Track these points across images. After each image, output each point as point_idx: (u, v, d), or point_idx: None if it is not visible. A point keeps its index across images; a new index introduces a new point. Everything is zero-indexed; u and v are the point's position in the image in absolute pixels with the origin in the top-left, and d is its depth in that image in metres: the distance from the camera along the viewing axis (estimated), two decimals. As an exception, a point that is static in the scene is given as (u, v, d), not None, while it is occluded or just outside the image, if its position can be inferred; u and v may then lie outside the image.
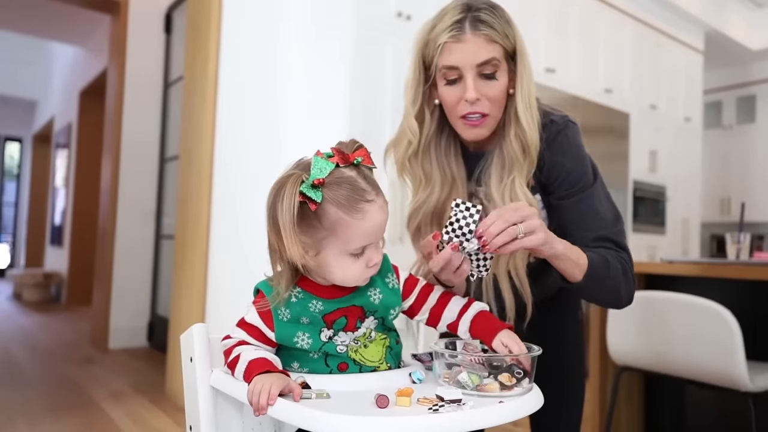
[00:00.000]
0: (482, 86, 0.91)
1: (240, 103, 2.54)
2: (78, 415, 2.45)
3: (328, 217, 0.73)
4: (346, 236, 0.74)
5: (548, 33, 3.32)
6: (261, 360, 0.73)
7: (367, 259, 0.76)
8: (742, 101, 5.65)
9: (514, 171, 0.94)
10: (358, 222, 0.74)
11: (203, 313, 2.51)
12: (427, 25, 0.94)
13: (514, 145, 0.94)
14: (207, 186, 2.57)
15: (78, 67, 6.11)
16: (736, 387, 1.40)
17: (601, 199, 0.97)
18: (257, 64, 2.49)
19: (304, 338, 0.78)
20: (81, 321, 5.04)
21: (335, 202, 0.73)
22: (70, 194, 6.09)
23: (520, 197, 0.92)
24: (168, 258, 3.85)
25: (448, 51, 0.90)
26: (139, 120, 4.02)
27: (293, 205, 0.71)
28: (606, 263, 0.90)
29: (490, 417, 0.68)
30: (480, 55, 0.89)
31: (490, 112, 0.93)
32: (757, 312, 1.71)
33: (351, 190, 0.74)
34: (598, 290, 0.91)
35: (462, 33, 0.89)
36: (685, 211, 4.34)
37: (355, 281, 0.78)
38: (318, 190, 0.72)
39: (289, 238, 0.71)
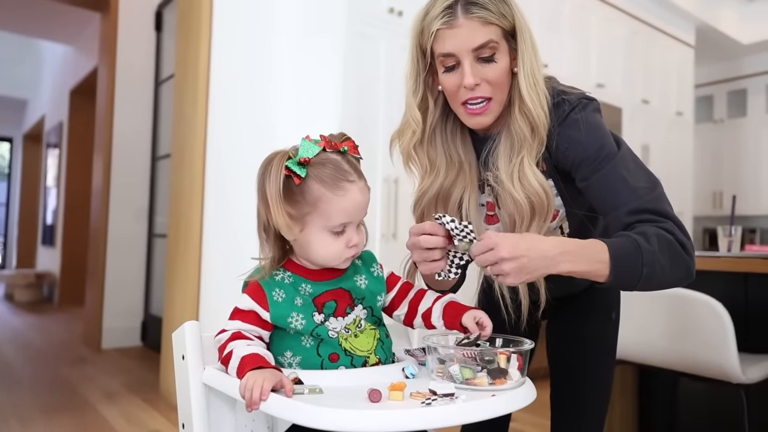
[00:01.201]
0: (481, 70, 0.87)
1: (232, 101, 2.53)
2: (72, 416, 2.43)
3: (311, 193, 0.78)
4: (327, 212, 0.78)
5: (540, 28, 3.31)
6: (253, 356, 0.74)
7: (347, 239, 0.80)
8: (733, 95, 5.69)
9: (523, 151, 0.89)
10: (338, 198, 0.78)
11: (197, 311, 2.50)
12: (420, 12, 0.92)
13: (521, 124, 0.89)
14: (199, 184, 2.55)
15: (68, 66, 6.06)
16: (728, 379, 1.41)
17: (629, 167, 0.87)
18: (249, 61, 2.47)
19: (298, 319, 0.80)
20: (74, 321, 5.01)
21: (318, 179, 0.78)
22: (62, 194, 6.04)
23: (529, 178, 0.88)
24: (161, 257, 3.83)
25: (442, 38, 0.87)
26: (130, 118, 4.00)
27: (279, 178, 0.76)
28: (636, 249, 0.78)
29: (482, 410, 0.68)
30: (475, 40, 0.86)
31: (492, 95, 0.89)
32: (748, 304, 1.72)
33: (334, 170, 0.79)
34: (639, 281, 0.79)
35: (454, 18, 0.86)
36: (678, 205, 4.33)
37: (335, 259, 0.81)
38: (303, 167, 0.77)
39: (275, 207, 0.76)
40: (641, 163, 0.90)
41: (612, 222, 0.86)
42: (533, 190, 0.88)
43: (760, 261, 1.50)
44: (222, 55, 2.56)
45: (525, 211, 0.89)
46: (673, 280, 0.83)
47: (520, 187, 0.89)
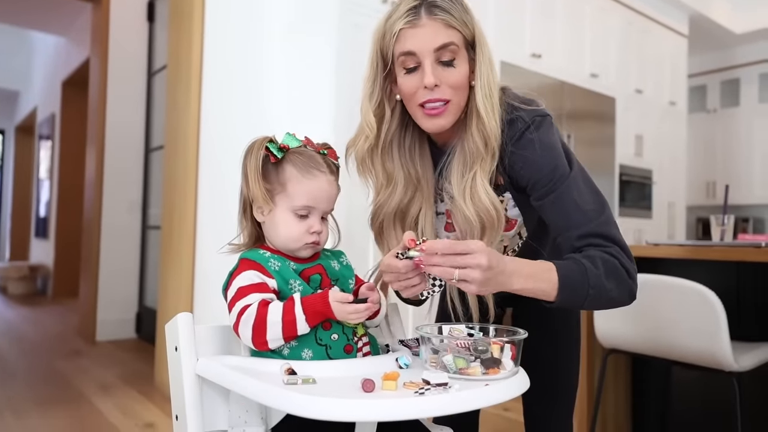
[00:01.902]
0: (441, 73, 0.88)
1: (225, 92, 2.51)
2: (66, 408, 2.43)
3: (283, 173, 0.85)
4: (294, 192, 0.84)
5: (534, 18, 3.30)
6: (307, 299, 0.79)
7: (309, 225, 0.85)
8: (726, 85, 5.70)
9: (476, 166, 0.90)
10: (306, 181, 0.84)
11: (191, 303, 2.50)
12: (383, 17, 0.94)
13: (475, 138, 0.90)
14: (193, 176, 2.54)
15: (60, 57, 6.00)
16: (720, 367, 1.42)
17: (580, 189, 0.89)
18: (242, 52, 2.46)
19: (296, 285, 0.83)
20: (68, 313, 5.00)
21: (291, 162, 0.85)
22: (55, 186, 6.01)
23: (481, 195, 0.89)
24: (155, 249, 3.82)
25: (405, 37, 0.88)
26: (123, 110, 3.97)
27: (259, 155, 0.84)
28: (584, 272, 0.82)
29: (475, 400, 0.68)
30: (437, 39, 0.87)
31: (452, 98, 0.89)
32: (740, 293, 1.73)
33: (309, 158, 0.86)
34: (585, 302, 0.84)
35: (418, 18, 0.87)
36: (671, 194, 4.38)
37: (295, 241, 0.84)
38: (282, 152, 0.85)
39: (253, 181, 0.83)
40: (591, 183, 0.92)
41: (563, 242, 0.90)
42: (484, 207, 0.89)
43: (752, 250, 1.51)
44: (215, 46, 2.54)
45: (475, 228, 0.91)
46: (616, 302, 0.88)
47: (471, 204, 0.90)
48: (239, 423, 0.81)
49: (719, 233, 1.78)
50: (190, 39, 2.57)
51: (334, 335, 0.81)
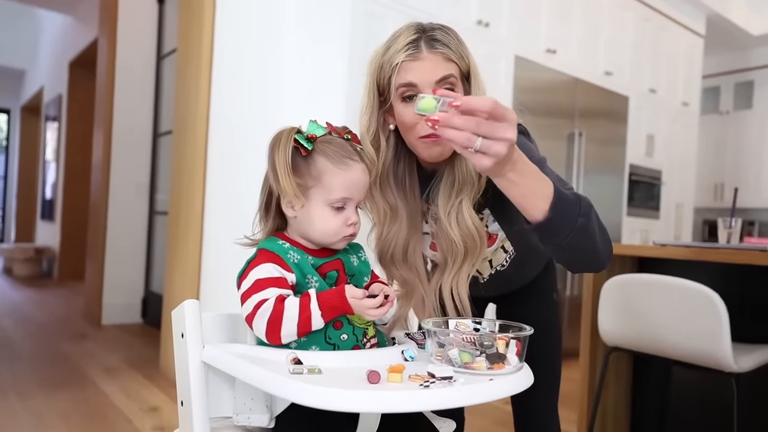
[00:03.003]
0: None
1: (235, 78, 2.50)
2: (71, 390, 2.46)
3: (316, 166, 0.81)
4: (330, 185, 0.81)
5: (551, 13, 3.27)
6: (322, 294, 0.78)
7: (347, 216, 0.83)
8: (740, 87, 5.64)
9: (463, 194, 0.93)
10: (342, 172, 0.82)
11: (197, 289, 2.51)
12: (379, 48, 0.94)
13: (466, 166, 0.92)
14: (201, 162, 2.54)
15: (67, 37, 5.99)
16: (721, 368, 1.42)
17: (547, 169, 0.87)
18: (253, 38, 2.45)
19: (312, 281, 0.82)
20: (73, 296, 5.04)
21: (323, 153, 0.82)
22: (61, 168, 6.03)
23: (466, 219, 0.92)
24: (161, 234, 3.84)
25: (405, 69, 0.89)
26: (131, 93, 3.96)
27: (288, 149, 0.80)
28: (577, 199, 0.79)
29: (480, 394, 0.68)
30: (437, 72, 0.88)
31: None
32: (744, 295, 1.73)
33: (340, 147, 0.83)
34: (574, 230, 0.77)
35: (419, 51, 0.88)
36: (680, 195, 4.36)
37: (333, 235, 0.83)
38: (310, 142, 0.82)
39: (284, 176, 0.79)
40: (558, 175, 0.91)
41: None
42: (468, 231, 0.93)
43: (759, 254, 1.50)
44: (226, 30, 2.53)
45: (459, 251, 0.93)
46: (596, 252, 0.82)
47: (456, 228, 0.92)
48: (244, 410, 0.82)
49: (726, 236, 1.77)
50: (201, 22, 2.56)
51: (344, 335, 0.80)
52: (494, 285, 1.12)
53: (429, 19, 1.03)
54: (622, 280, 1.61)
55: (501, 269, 1.10)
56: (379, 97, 0.94)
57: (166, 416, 2.18)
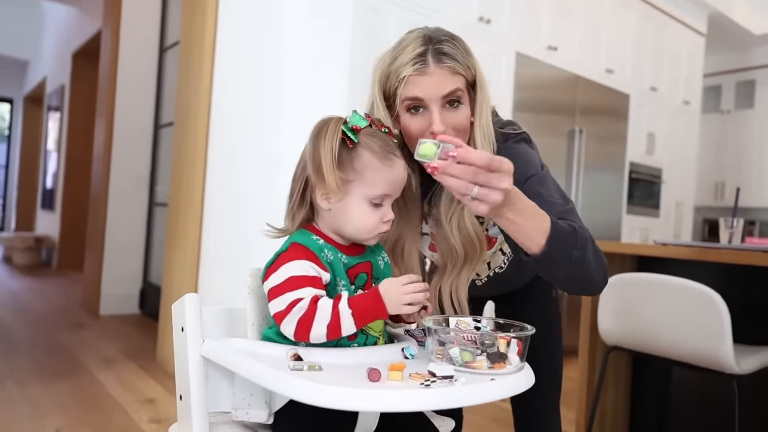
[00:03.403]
0: (447, 116, 0.89)
1: (237, 71, 2.49)
2: (68, 380, 2.46)
3: (360, 160, 0.80)
4: (373, 180, 0.80)
5: (551, 10, 3.26)
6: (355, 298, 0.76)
7: (383, 213, 0.81)
8: (741, 86, 5.63)
9: None
10: (386, 168, 0.80)
11: (196, 281, 2.51)
12: (386, 57, 0.93)
13: None
14: (202, 155, 2.54)
15: (71, 28, 5.97)
16: (722, 369, 1.42)
17: (547, 184, 0.91)
18: (256, 32, 2.43)
19: (341, 285, 0.80)
20: (72, 286, 5.04)
21: (369, 148, 0.80)
22: (62, 158, 6.02)
23: (467, 224, 0.93)
24: (161, 226, 3.84)
25: (413, 83, 0.88)
26: (133, 85, 3.95)
27: (336, 140, 0.78)
28: (573, 231, 0.81)
29: (480, 394, 0.68)
30: (445, 87, 0.88)
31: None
32: (746, 296, 1.72)
33: (384, 142, 0.82)
34: (566, 266, 0.80)
35: (426, 66, 0.87)
36: (680, 194, 4.35)
37: (369, 232, 0.82)
38: (355, 134, 0.80)
39: (328, 168, 0.77)
40: (558, 186, 0.94)
41: None
42: (469, 237, 0.93)
43: (761, 254, 1.50)
44: (229, 24, 2.52)
45: (459, 256, 0.95)
46: (591, 279, 0.85)
47: (457, 234, 0.93)
48: (243, 405, 0.81)
49: (728, 236, 1.77)
50: (204, 15, 2.54)
51: (355, 345, 0.80)
52: (492, 286, 1.12)
53: (431, 15, 1.02)
54: (622, 279, 1.61)
55: (499, 271, 1.10)
56: (385, 104, 0.93)
57: (162, 408, 2.18)
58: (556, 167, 3.29)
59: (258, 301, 0.88)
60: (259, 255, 0.88)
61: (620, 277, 1.62)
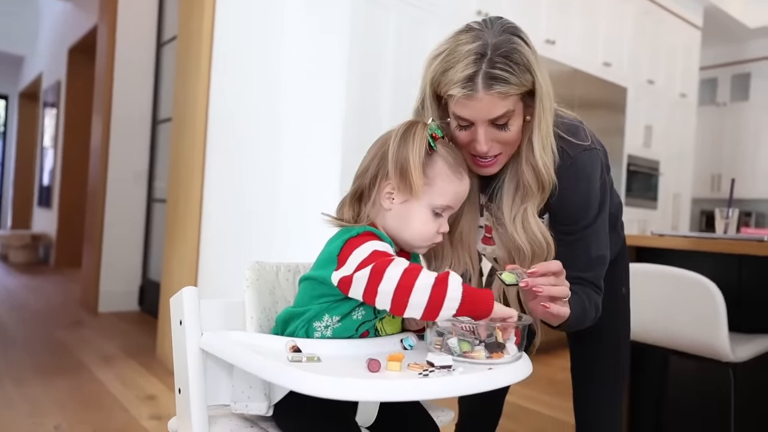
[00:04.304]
0: (494, 134, 0.88)
1: (235, 66, 2.48)
2: (66, 377, 2.46)
3: (434, 168, 0.83)
4: (442, 189, 0.83)
5: (549, 4, 3.25)
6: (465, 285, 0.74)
7: (440, 224, 0.84)
8: (737, 79, 5.63)
9: (527, 201, 0.93)
10: (456, 181, 0.84)
11: (195, 277, 2.51)
12: (438, 61, 0.88)
13: (528, 177, 0.92)
14: (200, 149, 2.53)
15: (67, 23, 5.93)
16: (718, 357, 1.43)
17: (598, 238, 0.98)
18: (254, 26, 2.42)
19: None
20: (70, 283, 5.03)
21: (444, 158, 0.84)
22: (59, 154, 5.99)
23: (533, 226, 0.92)
24: (160, 222, 3.83)
25: (460, 105, 0.86)
26: (131, 80, 3.94)
27: (424, 143, 0.82)
28: (584, 312, 0.94)
29: (478, 383, 0.69)
30: (492, 113, 0.85)
31: (502, 151, 0.91)
32: (741, 285, 1.73)
33: (457, 156, 0.86)
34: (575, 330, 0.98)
35: (474, 92, 0.83)
36: (677, 186, 4.36)
37: (425, 239, 0.84)
38: (434, 141, 0.83)
39: (415, 169, 0.80)
40: (606, 229, 1.00)
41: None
42: (535, 238, 0.93)
43: (755, 244, 1.51)
44: (227, 19, 2.51)
45: (527, 256, 0.94)
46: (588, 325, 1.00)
47: (522, 233, 0.93)
48: (242, 398, 0.82)
49: (723, 226, 1.77)
50: (202, 9, 2.53)
51: None
52: None
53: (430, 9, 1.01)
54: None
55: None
56: (437, 102, 0.92)
57: (163, 405, 2.19)
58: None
59: (256, 294, 0.88)
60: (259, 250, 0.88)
61: (617, 268, 1.62)
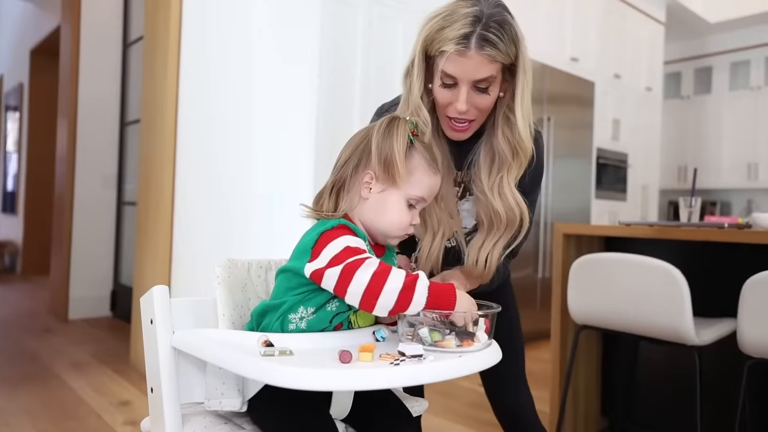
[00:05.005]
0: (474, 98, 0.95)
1: (205, 65, 2.45)
2: (36, 386, 2.40)
3: (411, 161, 0.87)
4: (418, 181, 0.86)
5: (517, 1, 3.29)
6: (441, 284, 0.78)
7: (413, 215, 0.87)
8: (699, 72, 5.80)
9: (503, 170, 1.00)
10: (431, 173, 0.88)
11: (168, 279, 2.48)
12: (435, 21, 0.95)
13: (502, 145, 0.99)
14: (171, 150, 2.49)
15: (28, 24, 5.76)
16: (683, 341, 1.48)
17: (539, 193, 1.12)
18: (222, 24, 2.40)
19: None
20: (38, 291, 4.90)
21: (421, 153, 0.88)
22: (23, 159, 5.83)
23: (507, 194, 0.99)
24: (131, 225, 3.76)
25: (451, 61, 0.92)
26: (97, 81, 3.84)
27: (407, 137, 0.86)
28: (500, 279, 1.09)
29: (448, 370, 0.70)
30: (478, 73, 0.93)
31: (476, 118, 0.99)
32: (705, 271, 1.79)
33: (431, 153, 0.91)
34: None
35: (467, 49, 0.91)
36: (645, 177, 4.47)
37: (399, 230, 0.86)
38: (413, 137, 0.88)
39: (400, 161, 0.84)
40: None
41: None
42: (510, 206, 1.00)
43: (716, 230, 1.56)
44: (194, 17, 2.48)
45: (502, 221, 1.00)
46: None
47: (499, 200, 1.00)
48: (216, 395, 0.81)
49: (687, 215, 1.83)
50: (168, 8, 2.49)
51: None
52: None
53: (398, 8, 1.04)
54: (589, 260, 1.65)
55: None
56: (426, 62, 0.98)
57: (137, 410, 2.15)
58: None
59: (228, 291, 0.88)
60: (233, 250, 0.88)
61: (587, 257, 1.66)
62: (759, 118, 5.33)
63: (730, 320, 1.61)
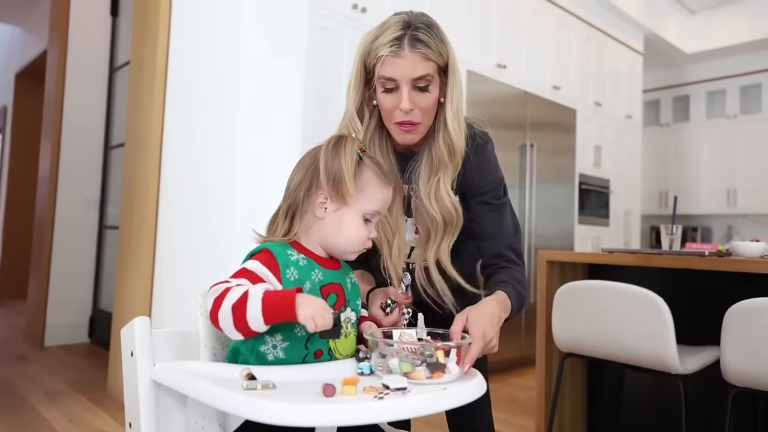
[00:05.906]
0: (416, 98, 1.00)
1: (190, 91, 2.46)
2: (9, 417, 2.32)
3: (362, 177, 0.88)
4: (371, 195, 0.87)
5: (500, 30, 3.38)
6: (272, 292, 0.76)
7: (370, 229, 0.88)
8: (677, 101, 5.97)
9: (440, 173, 1.04)
10: (384, 188, 0.89)
11: (149, 307, 2.43)
12: (370, 34, 1.02)
13: (442, 149, 1.04)
14: (155, 175, 2.48)
15: (14, 47, 5.75)
16: (668, 370, 1.48)
17: (509, 212, 1.13)
18: (209, 51, 2.42)
19: (307, 288, 0.82)
20: (14, 316, 4.77)
21: (371, 168, 0.89)
22: (4, 182, 5.74)
23: (443, 196, 1.03)
24: (112, 249, 3.70)
25: (388, 63, 0.98)
26: (81, 105, 3.83)
27: (354, 155, 0.86)
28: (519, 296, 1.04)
29: (433, 404, 0.69)
30: (415, 71, 0.98)
31: (421, 120, 1.02)
32: (687, 298, 1.81)
33: (380, 167, 0.91)
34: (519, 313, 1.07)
35: (401, 49, 0.97)
36: (627, 203, 4.54)
37: (356, 245, 0.87)
38: (362, 153, 0.89)
39: (349, 180, 0.84)
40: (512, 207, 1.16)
41: (488, 247, 1.10)
42: (446, 208, 1.03)
43: (697, 258, 1.59)
44: (181, 43, 2.49)
45: (439, 227, 1.04)
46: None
47: (436, 205, 1.03)
48: (196, 429, 0.80)
49: (668, 242, 1.86)
50: (156, 34, 2.51)
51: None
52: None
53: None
54: (573, 287, 1.67)
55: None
56: (366, 76, 1.04)
57: (116, 440, 2.09)
58: (510, 180, 3.35)
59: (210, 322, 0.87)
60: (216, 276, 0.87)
61: (571, 285, 1.67)
62: (736, 145, 5.48)
63: (713, 348, 1.62)
